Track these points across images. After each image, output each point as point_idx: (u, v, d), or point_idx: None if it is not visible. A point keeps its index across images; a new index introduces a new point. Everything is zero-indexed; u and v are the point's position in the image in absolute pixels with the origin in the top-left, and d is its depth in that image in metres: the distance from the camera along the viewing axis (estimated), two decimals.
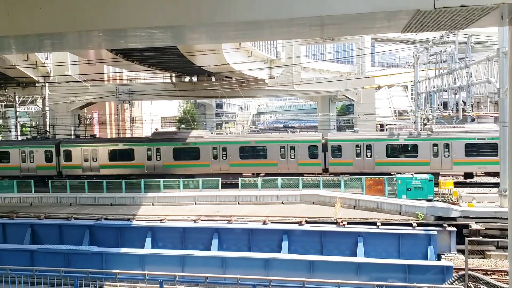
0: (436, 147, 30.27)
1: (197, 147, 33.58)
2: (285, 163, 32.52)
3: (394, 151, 31.45)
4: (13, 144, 38.15)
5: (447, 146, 30.15)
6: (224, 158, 33.28)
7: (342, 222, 23.25)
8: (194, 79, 52.44)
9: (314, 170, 32.48)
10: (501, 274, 19.21)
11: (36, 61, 48.68)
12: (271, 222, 23.78)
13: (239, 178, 30.81)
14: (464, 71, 31.63)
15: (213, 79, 49.88)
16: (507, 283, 14.45)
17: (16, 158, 35.83)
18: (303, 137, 34.95)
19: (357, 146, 31.65)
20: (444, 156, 30.18)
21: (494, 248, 22.02)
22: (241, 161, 33.04)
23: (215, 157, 33.38)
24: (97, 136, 51.73)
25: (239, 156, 33.12)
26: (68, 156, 35.27)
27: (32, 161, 35.57)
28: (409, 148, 31.30)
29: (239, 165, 33.03)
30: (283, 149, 32.66)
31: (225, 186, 31.08)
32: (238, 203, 28.36)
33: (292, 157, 32.49)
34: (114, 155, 34.98)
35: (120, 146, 35.27)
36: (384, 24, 10.35)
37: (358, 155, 31.50)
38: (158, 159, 33.95)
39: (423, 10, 8.74)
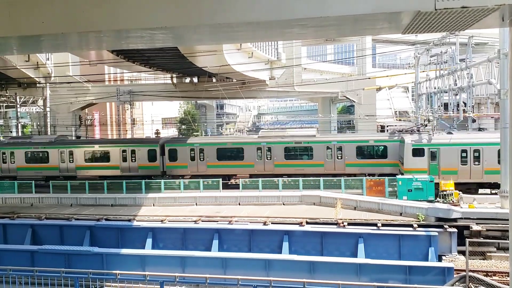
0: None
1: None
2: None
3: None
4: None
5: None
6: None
7: (342, 223, 23.25)
8: (195, 80, 52.47)
9: None
10: (502, 276, 19.21)
11: (37, 62, 48.78)
12: (272, 223, 23.79)
13: (240, 179, 30.78)
14: (464, 72, 31.60)
15: (214, 80, 49.91)
16: (508, 285, 14.45)
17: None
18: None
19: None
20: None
21: (495, 249, 22.03)
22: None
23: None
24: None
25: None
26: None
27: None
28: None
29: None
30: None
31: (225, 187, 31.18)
32: (239, 204, 28.37)
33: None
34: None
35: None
36: (385, 25, 10.36)
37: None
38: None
39: (423, 11, 8.75)
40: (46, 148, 36.49)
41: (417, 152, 29.20)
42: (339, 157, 32.17)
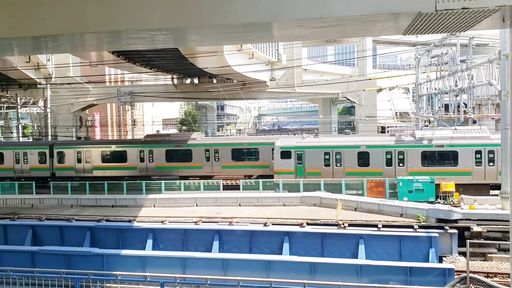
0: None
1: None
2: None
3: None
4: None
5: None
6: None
7: (343, 224, 23.22)
8: (195, 81, 52.55)
9: None
10: (502, 277, 19.18)
11: (38, 63, 48.89)
12: (272, 224, 23.76)
13: (240, 180, 30.79)
14: (465, 73, 31.63)
15: (214, 81, 49.96)
16: (509, 286, 14.44)
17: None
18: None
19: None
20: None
21: (496, 250, 21.99)
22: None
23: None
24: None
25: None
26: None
27: (217, 159, 34.84)
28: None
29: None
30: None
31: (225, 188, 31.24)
32: (239, 205, 28.35)
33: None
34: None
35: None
36: (386, 26, 10.36)
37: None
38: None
39: (424, 12, 8.75)
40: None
41: (285, 154, 31.16)
42: (216, 159, 34.72)
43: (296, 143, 31.74)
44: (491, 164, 28.11)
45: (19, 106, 51.17)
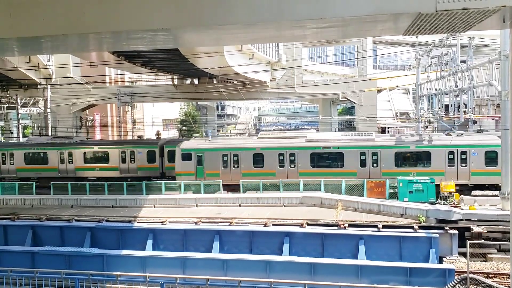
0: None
1: None
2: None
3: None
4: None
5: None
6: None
7: (343, 224, 23.22)
8: (196, 81, 52.55)
9: None
10: (502, 277, 19.18)
11: (38, 63, 48.87)
12: (272, 225, 23.76)
13: (241, 181, 30.76)
14: (465, 74, 31.60)
15: (215, 81, 49.95)
16: (509, 286, 14.43)
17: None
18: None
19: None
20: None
21: (496, 251, 22.00)
22: None
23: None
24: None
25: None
26: None
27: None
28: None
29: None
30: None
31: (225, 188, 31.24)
32: (240, 205, 28.36)
33: None
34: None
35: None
36: (386, 27, 10.36)
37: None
38: None
39: (424, 13, 8.74)
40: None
41: (186, 156, 32.25)
42: (132, 161, 36.16)
43: (197, 145, 32.65)
44: (375, 165, 29.86)
45: (19, 107, 51.21)
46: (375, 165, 29.88)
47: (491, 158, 27.92)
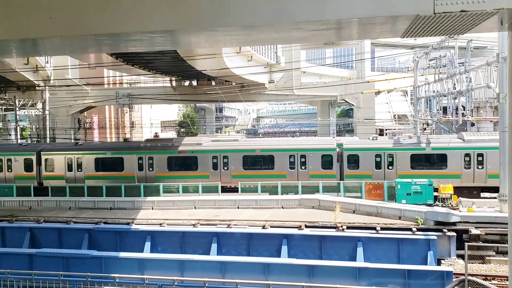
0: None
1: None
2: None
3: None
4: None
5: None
6: None
7: (341, 226, 23.20)
8: (194, 83, 52.58)
9: None
10: (501, 280, 19.18)
11: (36, 65, 48.85)
12: (271, 227, 23.73)
13: (239, 182, 30.76)
14: (463, 76, 31.66)
15: (213, 83, 49.97)
16: None
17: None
18: None
19: None
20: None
21: (494, 253, 21.99)
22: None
23: None
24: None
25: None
26: None
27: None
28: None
29: None
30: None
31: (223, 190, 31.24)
32: (238, 208, 28.33)
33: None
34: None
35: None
36: (384, 29, 10.36)
37: None
38: None
39: (422, 15, 8.75)
40: None
41: None
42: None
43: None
44: (303, 167, 31.22)
45: (17, 108, 51.13)
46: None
47: None
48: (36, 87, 51.98)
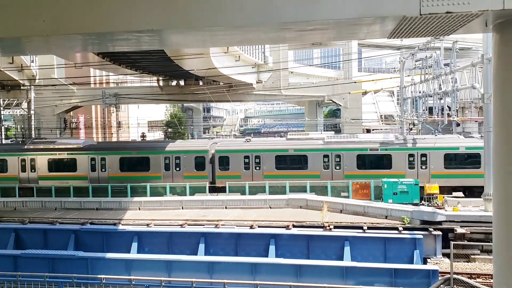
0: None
1: None
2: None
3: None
4: None
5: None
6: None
7: (329, 226, 23.31)
8: (181, 83, 52.35)
9: None
10: (485, 278, 19.42)
11: (21, 64, 48.18)
12: (258, 227, 23.76)
13: (227, 183, 30.72)
14: (449, 77, 31.94)
15: (201, 83, 49.79)
16: (492, 286, 14.61)
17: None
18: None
19: None
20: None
21: (479, 252, 22.26)
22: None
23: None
24: None
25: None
26: None
27: None
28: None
29: None
30: None
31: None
32: (225, 208, 28.30)
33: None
34: None
35: None
36: (371, 30, 10.43)
37: None
38: None
39: (408, 16, 8.82)
40: None
41: None
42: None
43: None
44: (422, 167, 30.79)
45: (1, 108, 50.46)
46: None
47: None
48: (21, 87, 51.30)
